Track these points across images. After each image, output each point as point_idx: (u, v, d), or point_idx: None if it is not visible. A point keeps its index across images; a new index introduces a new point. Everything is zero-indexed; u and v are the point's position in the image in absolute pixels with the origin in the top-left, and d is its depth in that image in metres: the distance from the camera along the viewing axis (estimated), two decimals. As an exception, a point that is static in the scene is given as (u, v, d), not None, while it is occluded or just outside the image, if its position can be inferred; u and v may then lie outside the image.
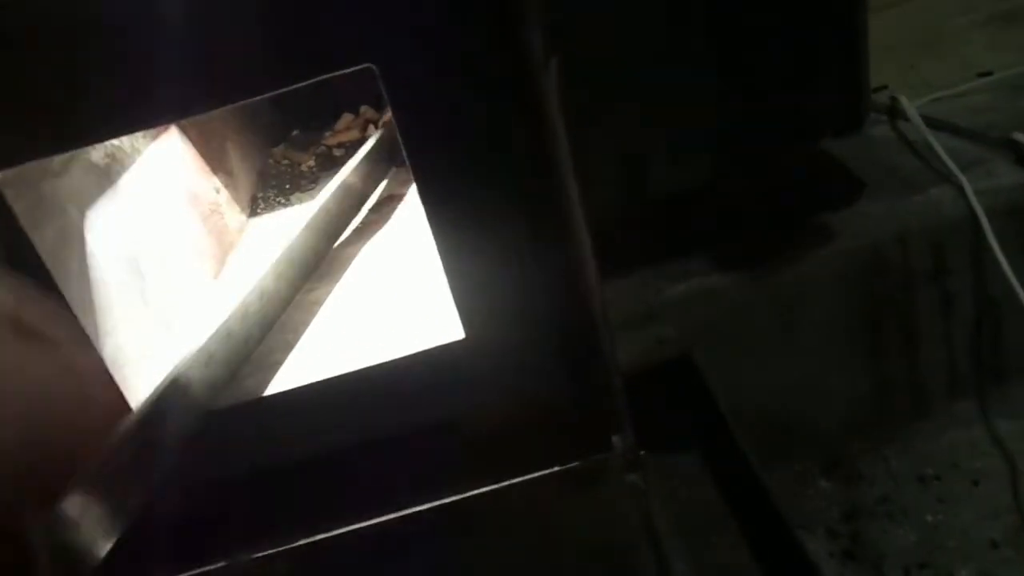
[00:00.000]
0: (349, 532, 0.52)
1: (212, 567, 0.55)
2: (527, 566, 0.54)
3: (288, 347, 0.63)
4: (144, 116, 0.47)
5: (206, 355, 0.55)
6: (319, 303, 0.71)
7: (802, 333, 1.09)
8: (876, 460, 1.13)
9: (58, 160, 0.56)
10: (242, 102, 0.48)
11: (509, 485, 0.52)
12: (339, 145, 1.04)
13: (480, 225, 0.51)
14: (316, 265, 0.73)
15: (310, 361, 0.59)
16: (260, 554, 0.54)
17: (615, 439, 0.52)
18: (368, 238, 0.82)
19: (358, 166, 0.84)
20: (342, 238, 0.81)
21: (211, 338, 0.56)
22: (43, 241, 0.50)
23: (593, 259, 0.50)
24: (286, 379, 0.57)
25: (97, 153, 0.61)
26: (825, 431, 1.14)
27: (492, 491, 0.52)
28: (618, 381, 0.51)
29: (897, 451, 1.13)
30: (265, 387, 0.57)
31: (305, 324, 0.67)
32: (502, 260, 0.52)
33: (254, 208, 0.94)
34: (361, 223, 0.86)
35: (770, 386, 1.10)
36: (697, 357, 1.01)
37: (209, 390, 0.54)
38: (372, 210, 0.88)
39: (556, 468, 0.52)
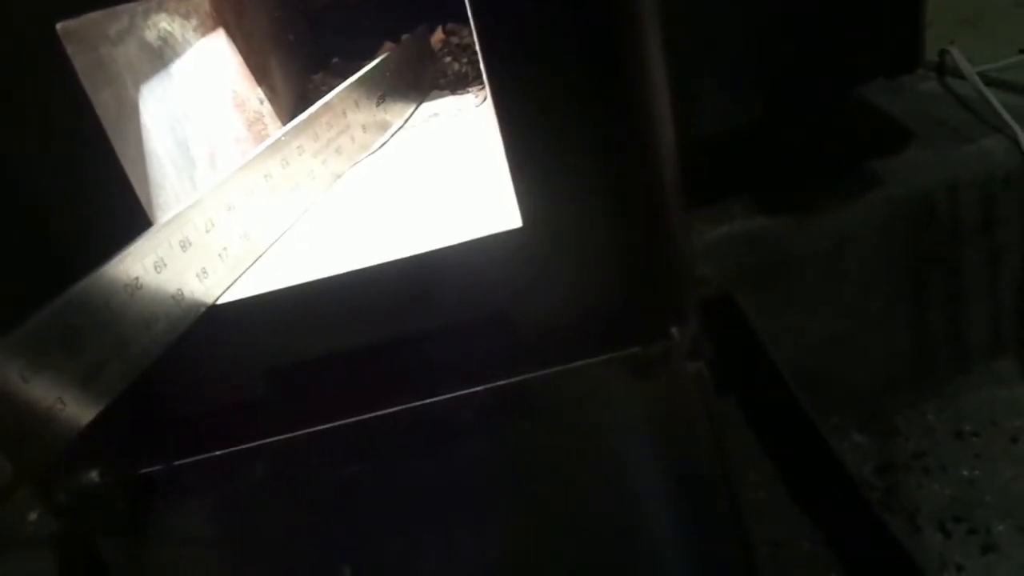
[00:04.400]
0: (400, 411, 0.51)
1: (255, 444, 0.54)
2: (581, 450, 0.53)
3: (330, 233, 0.62)
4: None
5: (205, 223, 0.53)
6: (360, 191, 0.69)
7: (843, 282, 1.07)
8: (913, 415, 1.11)
9: (114, 29, 0.55)
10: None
11: (563, 370, 0.51)
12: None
13: (547, 107, 0.50)
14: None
15: (355, 248, 0.58)
16: (305, 431, 0.53)
17: (673, 330, 0.50)
18: (417, 134, 0.81)
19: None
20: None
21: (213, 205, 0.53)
22: (101, 104, 0.50)
23: (675, 148, 0.49)
24: (330, 265, 0.55)
25: (151, 33, 0.61)
26: (862, 384, 1.12)
27: (546, 375, 0.51)
28: (685, 271, 0.49)
29: (935, 407, 1.11)
30: (308, 271, 0.55)
31: (348, 211, 0.66)
32: (568, 144, 0.51)
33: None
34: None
35: (807, 335, 1.09)
36: (739, 299, 1.00)
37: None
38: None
39: (612, 355, 0.51)
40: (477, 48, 0.53)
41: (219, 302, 0.54)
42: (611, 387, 0.51)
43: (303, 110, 0.96)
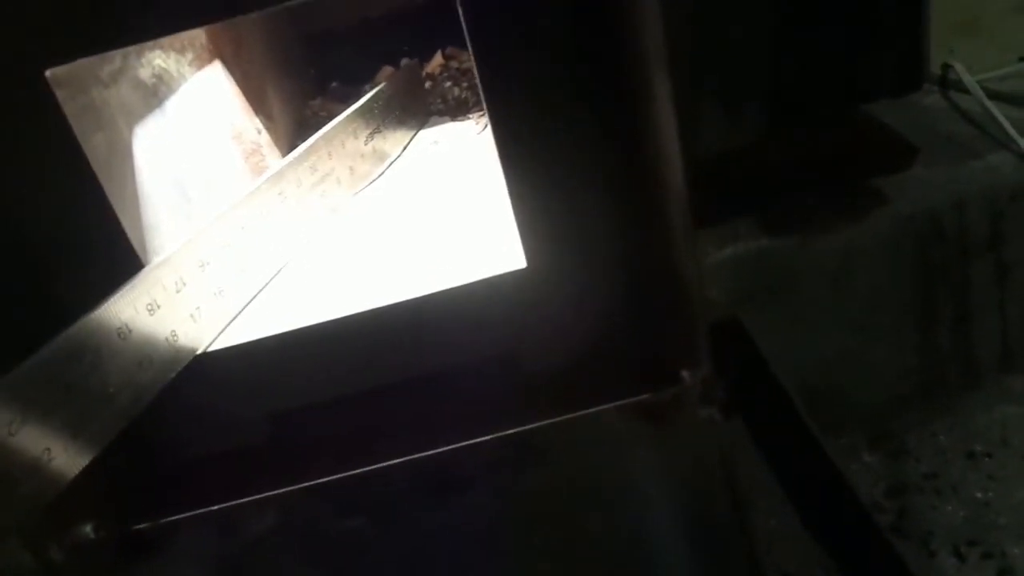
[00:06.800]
0: (405, 462, 0.50)
1: (253, 498, 0.53)
2: (592, 502, 0.51)
3: (328, 275, 0.61)
4: (206, 8, 0.44)
5: (198, 262, 0.52)
6: (360, 230, 0.68)
7: (851, 300, 1.06)
8: (923, 435, 1.10)
9: (107, 71, 0.53)
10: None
11: (572, 418, 0.50)
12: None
13: (551, 145, 0.49)
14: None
15: (354, 291, 0.56)
16: (305, 484, 0.51)
17: (684, 374, 0.49)
18: (419, 170, 0.80)
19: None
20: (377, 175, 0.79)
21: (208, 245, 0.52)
22: (93, 150, 0.48)
23: (684, 186, 0.47)
24: (328, 309, 0.54)
25: (145, 71, 0.59)
26: (871, 403, 1.11)
27: (555, 423, 0.50)
28: (697, 313, 0.48)
29: (945, 426, 1.10)
30: (305, 315, 0.54)
31: (346, 252, 0.64)
32: (573, 183, 0.49)
33: (292, 155, 0.91)
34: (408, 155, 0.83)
35: (816, 355, 1.07)
36: (745, 320, 0.98)
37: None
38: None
39: (623, 401, 0.49)
40: (477, 80, 0.52)
41: (214, 348, 0.52)
42: (621, 435, 0.50)
43: (301, 137, 0.95)
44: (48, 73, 0.45)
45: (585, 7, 0.46)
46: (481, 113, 0.90)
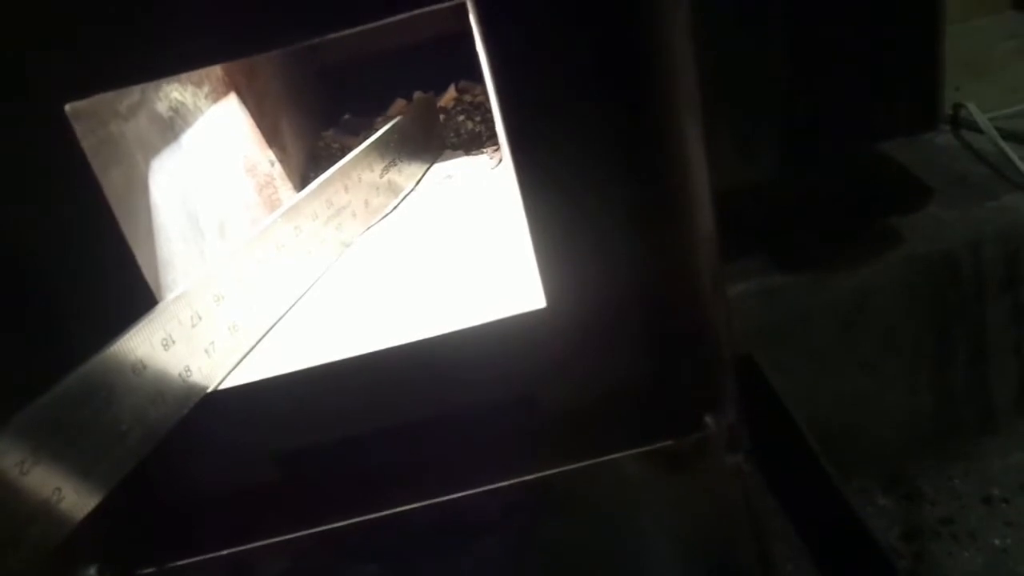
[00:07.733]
0: (420, 508, 0.48)
1: (264, 543, 0.51)
2: (611, 552, 0.49)
3: (343, 313, 0.60)
4: (239, 44, 0.44)
5: (214, 296, 0.51)
6: (374, 267, 0.67)
7: (864, 340, 1.05)
8: (939, 479, 1.08)
9: (125, 104, 0.53)
10: (343, 32, 0.45)
11: (591, 464, 0.48)
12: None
13: (575, 181, 0.48)
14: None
15: (368, 330, 0.55)
16: (317, 529, 0.50)
17: (708, 419, 0.48)
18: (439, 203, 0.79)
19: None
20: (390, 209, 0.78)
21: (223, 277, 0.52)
22: (110, 184, 0.48)
23: (711, 225, 0.47)
24: (342, 347, 0.53)
25: (162, 104, 0.59)
26: (885, 446, 1.09)
27: (572, 470, 0.48)
28: (723, 356, 0.47)
29: (961, 470, 1.08)
30: (319, 354, 0.53)
31: (361, 289, 0.63)
32: (597, 221, 0.48)
33: (304, 187, 0.91)
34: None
35: (828, 395, 1.06)
36: (758, 358, 0.97)
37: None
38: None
39: (646, 447, 0.48)
40: (498, 115, 0.51)
41: (225, 386, 0.51)
42: (643, 483, 0.48)
43: (313, 169, 0.95)
44: (68, 107, 0.45)
45: (613, 42, 0.46)
46: (495, 148, 0.90)
